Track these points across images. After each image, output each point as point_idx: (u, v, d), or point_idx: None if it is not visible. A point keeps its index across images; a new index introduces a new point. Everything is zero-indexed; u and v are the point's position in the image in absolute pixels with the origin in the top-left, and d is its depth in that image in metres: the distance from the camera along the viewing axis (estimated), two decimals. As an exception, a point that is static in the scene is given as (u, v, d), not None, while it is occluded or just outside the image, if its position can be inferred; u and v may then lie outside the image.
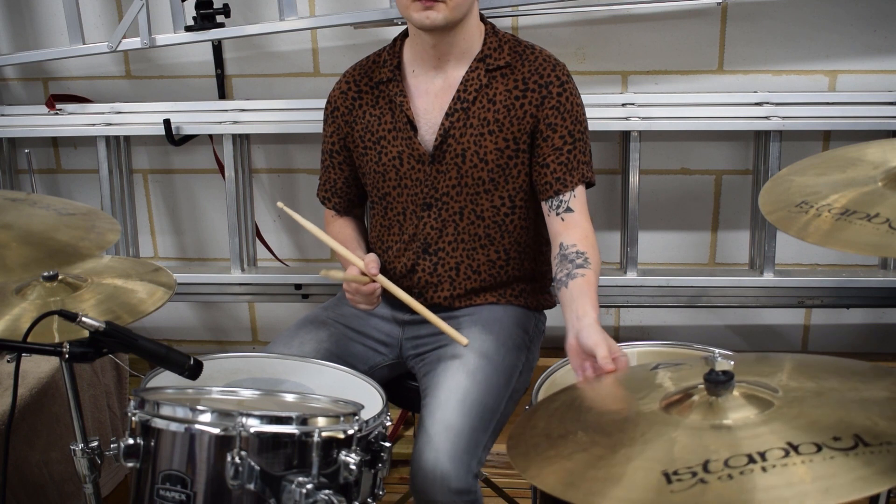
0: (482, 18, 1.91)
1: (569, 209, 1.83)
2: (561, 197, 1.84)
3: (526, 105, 1.84)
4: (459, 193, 1.88)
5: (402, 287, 1.88)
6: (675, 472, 1.02)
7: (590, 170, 1.88)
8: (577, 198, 1.84)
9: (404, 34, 1.93)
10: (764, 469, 0.99)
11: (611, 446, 1.12)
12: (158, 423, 1.39)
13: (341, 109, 1.97)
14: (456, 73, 1.87)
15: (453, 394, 1.74)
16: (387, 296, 1.94)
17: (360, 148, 1.95)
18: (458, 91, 1.86)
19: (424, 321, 1.94)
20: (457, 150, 1.86)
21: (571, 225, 1.82)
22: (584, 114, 1.89)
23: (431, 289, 1.93)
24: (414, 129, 1.88)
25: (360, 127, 1.94)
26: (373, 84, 1.93)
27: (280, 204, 1.66)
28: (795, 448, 1.01)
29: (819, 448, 1.00)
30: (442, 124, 1.86)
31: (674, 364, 1.34)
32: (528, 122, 1.84)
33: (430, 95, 1.89)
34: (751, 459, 1.01)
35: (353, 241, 2.01)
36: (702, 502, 0.97)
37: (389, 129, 1.90)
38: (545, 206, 1.86)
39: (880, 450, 0.98)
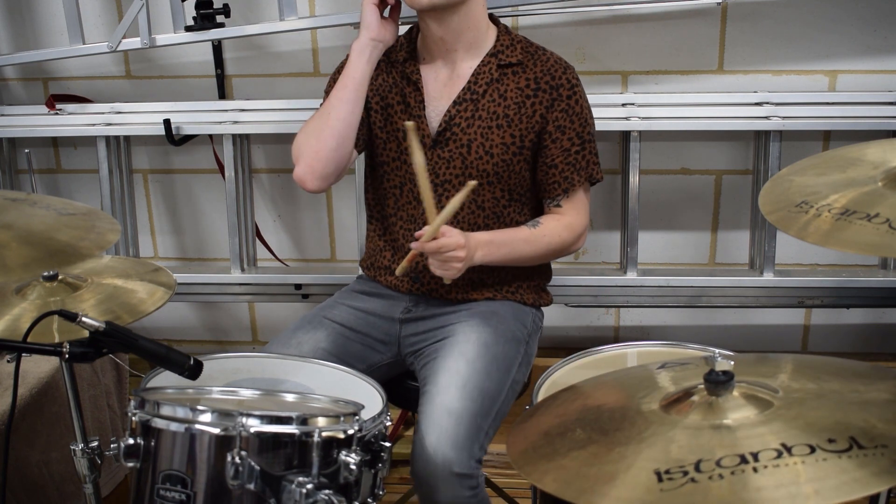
0: (494, 20, 1.95)
1: (558, 205, 1.93)
2: (559, 198, 1.93)
3: (536, 105, 1.88)
4: (462, 183, 1.89)
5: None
6: (668, 472, 1.02)
7: (598, 170, 1.96)
8: (571, 197, 1.93)
9: (419, 27, 1.96)
10: (755, 470, 0.99)
11: (608, 445, 1.12)
12: (158, 423, 1.39)
13: None
14: (466, 66, 1.91)
15: (453, 380, 1.74)
16: (383, 294, 1.98)
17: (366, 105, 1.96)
18: (468, 82, 1.89)
19: (422, 318, 1.95)
20: (462, 139, 1.88)
21: (555, 211, 1.94)
22: (591, 116, 1.95)
23: (428, 272, 1.93)
24: (423, 108, 1.91)
25: (371, 87, 1.95)
26: (389, 61, 1.97)
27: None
28: (789, 449, 1.01)
29: (812, 450, 1.00)
30: (448, 111, 1.89)
31: (680, 364, 1.34)
32: (536, 121, 1.88)
33: (439, 84, 1.92)
34: (743, 460, 1.01)
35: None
36: (691, 502, 0.97)
37: (398, 101, 1.93)
38: (545, 203, 1.95)
39: (874, 452, 0.98)
